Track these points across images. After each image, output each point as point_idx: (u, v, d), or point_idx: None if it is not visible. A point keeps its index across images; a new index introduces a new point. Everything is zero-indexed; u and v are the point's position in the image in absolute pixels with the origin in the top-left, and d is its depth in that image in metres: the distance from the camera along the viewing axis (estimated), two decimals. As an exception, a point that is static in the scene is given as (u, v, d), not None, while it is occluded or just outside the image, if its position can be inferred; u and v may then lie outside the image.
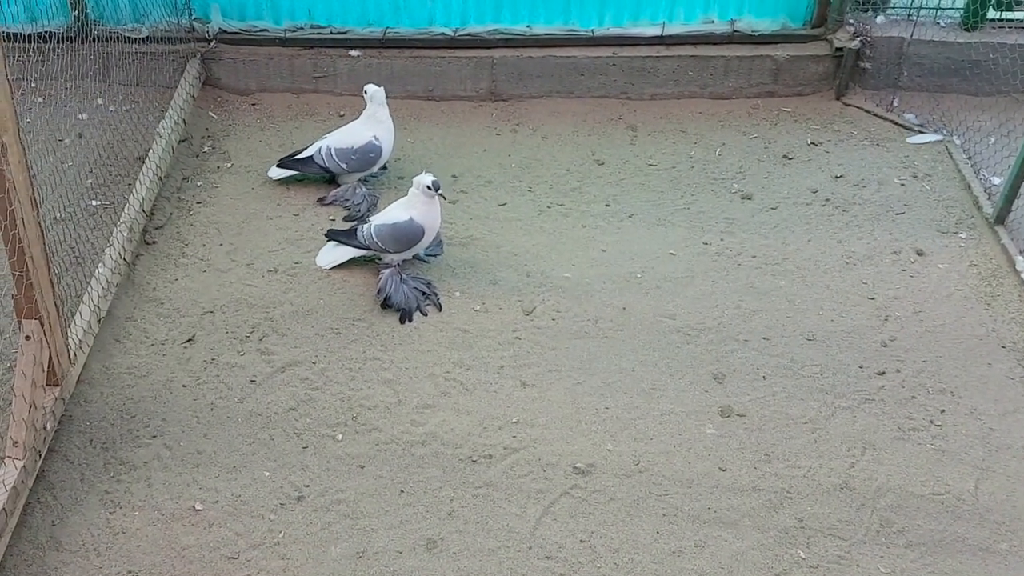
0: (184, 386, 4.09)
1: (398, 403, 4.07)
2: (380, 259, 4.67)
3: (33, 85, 5.53)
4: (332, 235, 4.75)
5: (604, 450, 3.90)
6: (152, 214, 4.94)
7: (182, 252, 4.78)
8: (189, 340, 4.30)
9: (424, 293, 4.54)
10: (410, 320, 4.44)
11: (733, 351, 4.35)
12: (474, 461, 3.83)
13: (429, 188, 4.38)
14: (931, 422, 4.03)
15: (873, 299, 4.62)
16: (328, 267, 4.70)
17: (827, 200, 5.25)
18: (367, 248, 4.62)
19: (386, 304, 4.49)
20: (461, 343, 4.36)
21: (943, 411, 4.07)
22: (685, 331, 4.44)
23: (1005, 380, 4.21)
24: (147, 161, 4.93)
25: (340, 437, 3.91)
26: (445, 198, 4.58)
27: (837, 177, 5.41)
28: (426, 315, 4.48)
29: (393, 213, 4.57)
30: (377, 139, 5.04)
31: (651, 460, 3.86)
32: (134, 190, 4.75)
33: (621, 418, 4.04)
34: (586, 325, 4.47)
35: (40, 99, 5.62)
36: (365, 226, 4.61)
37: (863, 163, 5.52)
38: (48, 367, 3.54)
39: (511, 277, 4.71)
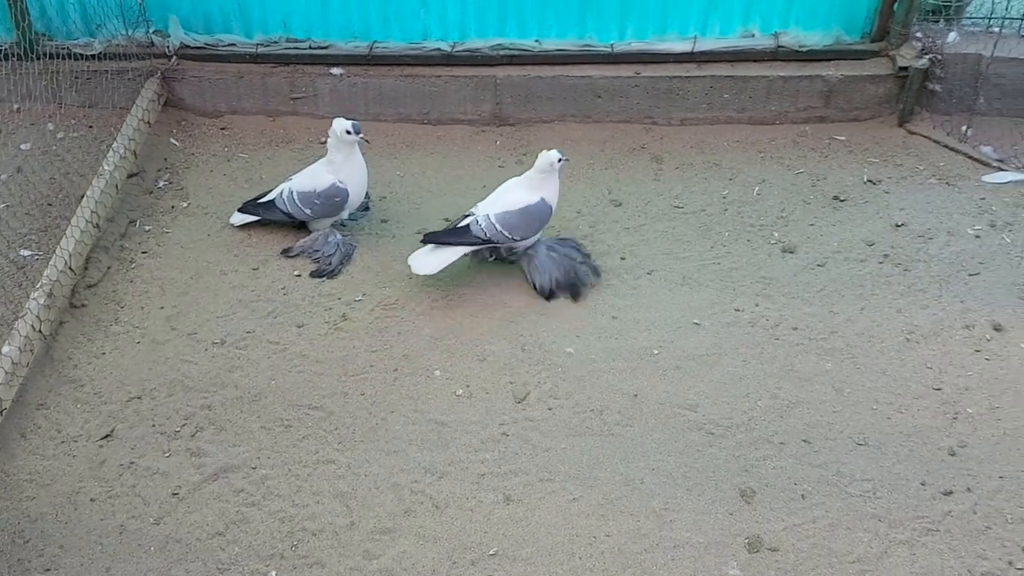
0: (92, 500, 3.38)
1: (350, 525, 3.33)
2: (490, 256, 4.31)
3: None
4: (431, 238, 4.15)
5: (599, 595, 3.14)
6: (86, 268, 4.23)
7: (115, 318, 4.07)
8: (107, 436, 3.59)
9: (579, 261, 4.27)
10: (579, 297, 4.18)
11: (766, 458, 3.55)
12: (436, 610, 3.10)
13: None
14: (1010, 563, 3.19)
15: (939, 390, 3.79)
16: (433, 272, 4.11)
17: (885, 256, 4.40)
18: (486, 242, 4.13)
19: (550, 292, 4.19)
20: (436, 441, 3.61)
21: (1026, 548, 3.25)
22: (708, 428, 3.65)
23: (1108, 507, 3.37)
24: (80, 207, 4.21)
25: (273, 575, 3.18)
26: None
27: (898, 225, 4.56)
28: (585, 286, 4.21)
29: (512, 198, 4.14)
30: (342, 182, 4.28)
31: (657, 611, 3.10)
32: (60, 245, 4.04)
33: (623, 550, 3.26)
34: (588, 417, 3.70)
35: (-21, 126, 4.95)
36: (476, 219, 4.11)
37: (930, 207, 4.65)
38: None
39: (503, 351, 3.95)
